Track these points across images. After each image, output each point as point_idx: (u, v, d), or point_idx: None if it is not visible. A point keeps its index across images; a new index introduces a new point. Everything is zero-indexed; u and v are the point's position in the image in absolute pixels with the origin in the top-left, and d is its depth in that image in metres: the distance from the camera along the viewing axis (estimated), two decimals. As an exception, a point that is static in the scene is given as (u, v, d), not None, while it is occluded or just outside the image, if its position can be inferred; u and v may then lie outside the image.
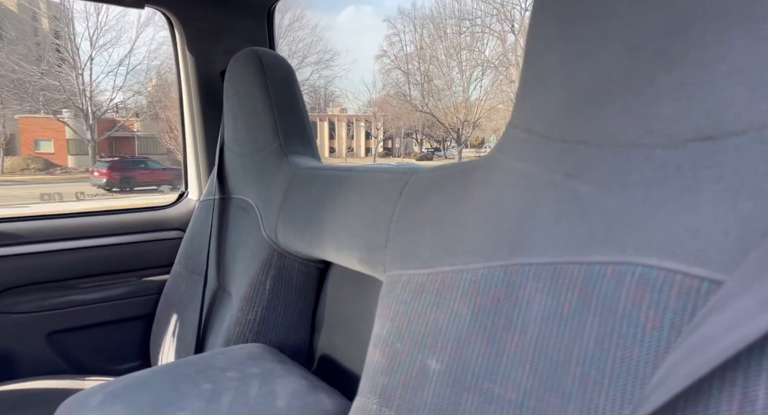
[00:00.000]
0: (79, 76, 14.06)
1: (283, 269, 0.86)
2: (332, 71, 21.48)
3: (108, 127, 14.41)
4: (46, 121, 14.83)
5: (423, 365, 0.47)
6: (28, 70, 14.02)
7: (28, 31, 15.32)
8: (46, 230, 1.19)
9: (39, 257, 1.17)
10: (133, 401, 0.60)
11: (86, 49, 14.70)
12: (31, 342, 1.16)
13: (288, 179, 0.89)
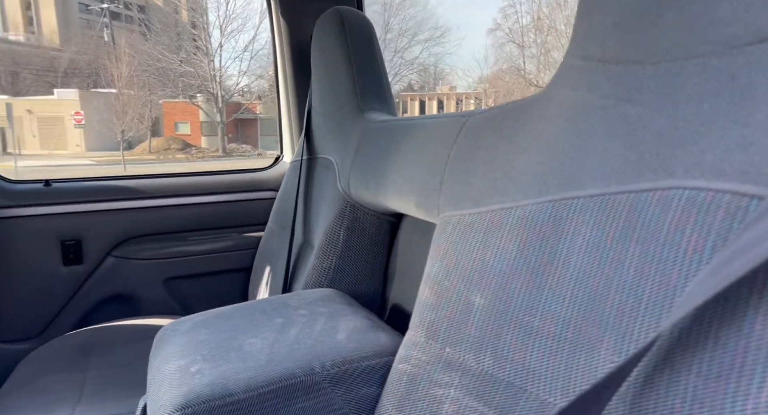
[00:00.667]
0: (210, 62, 15.44)
1: (356, 220, 0.88)
2: (442, 48, 21.23)
3: (235, 109, 15.70)
4: (184, 105, 16.54)
5: (468, 301, 0.48)
6: (170, 59, 15.69)
7: (170, 23, 17.10)
8: (164, 187, 1.34)
9: (157, 211, 1.33)
10: (215, 328, 0.67)
11: (217, 37, 16.07)
12: (151, 286, 1.32)
13: (361, 134, 0.91)
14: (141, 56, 16.47)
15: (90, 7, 24.27)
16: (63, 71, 19.53)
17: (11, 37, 22.79)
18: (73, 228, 1.25)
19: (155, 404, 0.53)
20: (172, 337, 0.68)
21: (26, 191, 1.22)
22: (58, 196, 1.24)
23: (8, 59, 18.85)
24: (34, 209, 1.21)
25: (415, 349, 0.53)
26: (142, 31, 19.54)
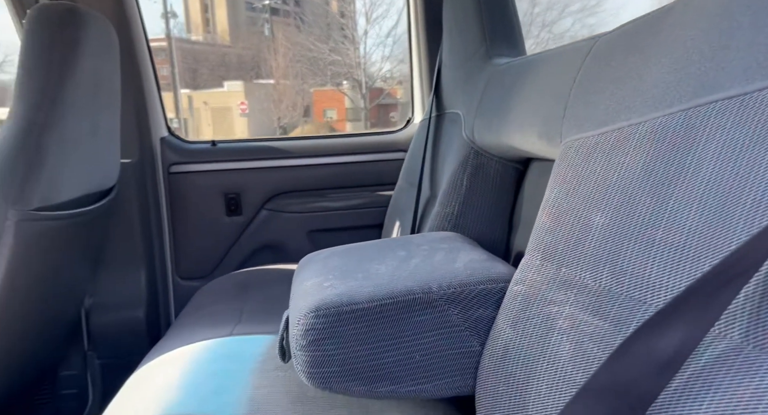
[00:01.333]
0: (356, 50, 16.16)
1: (479, 166, 0.89)
2: (597, 19, 19.54)
3: (377, 95, 16.29)
4: (332, 93, 17.59)
5: (587, 221, 0.47)
6: (320, 49, 16.76)
7: (320, 14, 18.22)
8: (308, 147, 1.47)
9: (303, 169, 1.46)
10: (346, 257, 0.74)
11: (362, 24, 16.77)
12: (297, 237, 1.46)
13: (487, 79, 0.90)
14: (295, 48, 17.82)
15: (254, 5, 26.83)
16: (231, 65, 21.91)
17: (192, 37, 26.15)
18: (234, 183, 1.43)
19: (294, 311, 0.61)
20: (310, 263, 0.76)
21: (197, 150, 1.42)
22: (222, 155, 1.43)
23: (190, 57, 21.72)
24: (203, 166, 1.41)
25: (530, 271, 0.53)
26: (296, 23, 21.13)
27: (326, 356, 0.56)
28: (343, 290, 0.60)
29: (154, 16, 19.61)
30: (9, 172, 0.85)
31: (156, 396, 0.63)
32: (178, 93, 18.29)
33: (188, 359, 0.75)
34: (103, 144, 1.11)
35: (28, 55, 0.90)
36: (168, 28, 18.75)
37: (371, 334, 0.57)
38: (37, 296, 0.98)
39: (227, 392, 0.63)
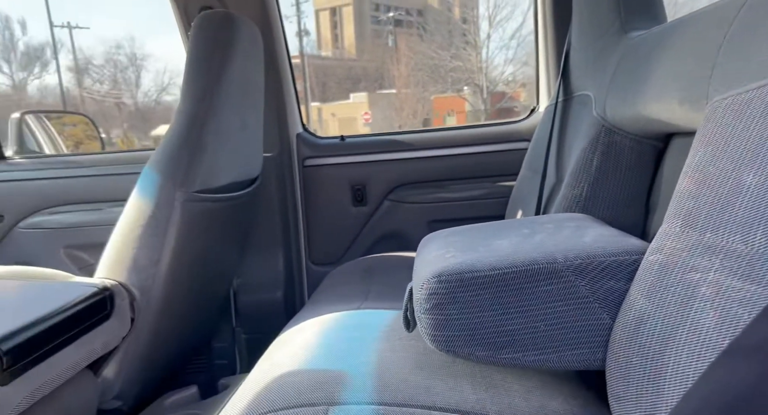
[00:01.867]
0: (478, 55, 16.01)
1: (612, 145, 0.83)
2: None
3: (499, 99, 15.97)
4: (452, 99, 17.62)
5: (737, 182, 0.43)
6: (441, 56, 16.89)
7: (442, 22, 18.36)
8: (429, 139, 1.50)
9: (424, 161, 1.49)
10: (468, 234, 0.75)
11: (485, 28, 16.54)
12: (418, 227, 1.50)
13: (621, 53, 0.85)
14: (417, 56, 18.14)
15: (379, 18, 27.90)
16: (357, 78, 22.95)
17: (323, 53, 27.90)
18: (360, 175, 1.51)
19: (417, 278, 0.63)
20: (432, 240, 0.78)
21: (328, 145, 1.53)
22: (350, 149, 1.51)
23: (321, 72, 23.20)
24: (332, 159, 1.51)
25: (669, 239, 0.49)
26: (418, 33, 21.52)
27: (449, 320, 0.57)
28: (465, 259, 0.60)
29: (288, 35, 21.26)
30: (177, 160, 0.99)
31: (296, 354, 0.70)
32: (309, 106, 19.66)
33: (322, 326, 0.81)
34: (250, 138, 1.24)
35: (192, 57, 1.04)
36: (301, 45, 20.24)
37: (494, 301, 0.57)
38: (197, 271, 1.12)
39: (357, 353, 0.67)
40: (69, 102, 16.70)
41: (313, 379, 0.60)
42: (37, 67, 19.28)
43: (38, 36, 19.53)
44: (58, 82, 17.91)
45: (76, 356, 0.82)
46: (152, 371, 1.06)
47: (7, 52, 18.98)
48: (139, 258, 0.97)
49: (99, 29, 32.30)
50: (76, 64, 18.67)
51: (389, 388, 0.58)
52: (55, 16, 22.76)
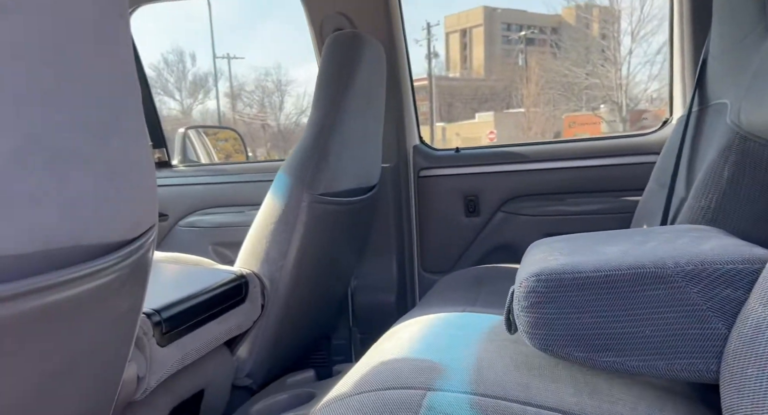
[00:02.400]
0: (617, 71, 15.03)
1: (746, 153, 0.76)
2: None
3: (638, 117, 14.77)
4: (586, 117, 16.69)
5: None
6: (575, 74, 16.14)
7: (579, 39, 17.58)
8: (547, 151, 1.47)
9: (540, 173, 1.47)
10: (575, 241, 0.74)
11: (626, 43, 15.48)
12: (532, 239, 1.46)
13: (763, 54, 0.77)
14: (548, 74, 17.55)
15: (510, 37, 27.56)
16: (483, 97, 22.82)
17: (450, 74, 28.24)
18: (473, 186, 1.52)
19: (518, 279, 0.64)
20: (539, 245, 0.78)
21: (443, 156, 1.57)
22: (464, 160, 1.54)
23: (447, 93, 23.50)
24: (447, 170, 1.55)
25: (797, 243, 0.45)
26: (552, 51, 20.83)
27: (547, 319, 0.58)
28: (567, 260, 0.60)
29: (418, 57, 21.80)
30: (305, 165, 1.10)
31: (401, 345, 0.74)
32: (434, 126, 19.98)
33: (427, 324, 0.84)
34: (370, 148, 1.33)
35: (322, 74, 1.16)
36: (430, 68, 20.73)
37: (596, 303, 0.56)
38: (319, 267, 1.23)
39: (458, 348, 0.70)
40: (224, 124, 18.89)
41: (413, 366, 0.64)
42: (201, 94, 22.15)
43: (204, 66, 22.52)
44: (216, 107, 20.41)
45: (216, 332, 0.95)
46: (279, 355, 1.18)
47: (179, 81, 22.05)
48: (270, 251, 1.09)
49: (252, 59, 36.15)
50: (231, 90, 21.12)
51: (486, 381, 0.59)
52: (218, 48, 26.08)
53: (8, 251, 0.39)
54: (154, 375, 0.77)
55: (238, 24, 30.99)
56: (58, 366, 0.48)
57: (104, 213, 0.48)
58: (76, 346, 0.50)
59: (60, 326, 0.46)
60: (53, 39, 0.39)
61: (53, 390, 0.50)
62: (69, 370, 0.50)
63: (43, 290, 0.42)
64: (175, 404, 0.88)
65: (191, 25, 30.91)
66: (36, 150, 0.40)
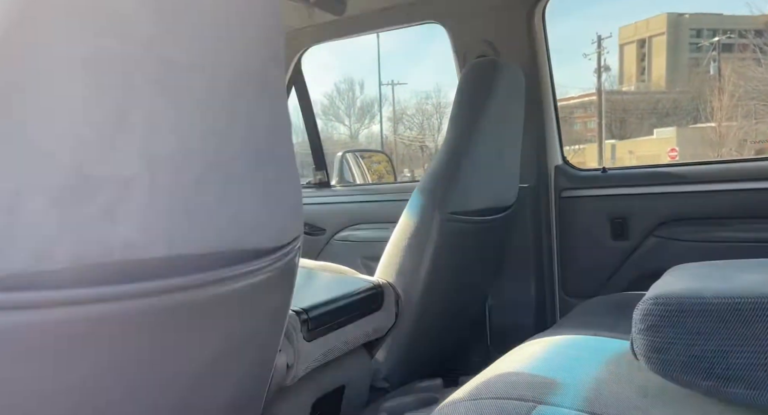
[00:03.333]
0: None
1: None
2: None
3: None
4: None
5: None
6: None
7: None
8: (707, 173, 1.33)
9: (701, 196, 1.33)
10: (716, 267, 0.70)
11: None
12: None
13: None
14: (750, 83, 15.19)
15: (699, 44, 24.49)
16: (664, 112, 20.54)
17: (623, 88, 26.04)
18: (622, 208, 1.44)
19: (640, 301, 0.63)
20: (675, 270, 0.75)
21: (588, 177, 1.52)
22: (612, 181, 1.47)
23: (619, 108, 21.70)
24: (592, 191, 1.49)
25: None
26: (754, 56, 17.98)
27: (665, 343, 0.56)
28: (693, 285, 0.58)
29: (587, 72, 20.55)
30: (437, 184, 1.18)
31: (521, 360, 0.77)
32: (603, 144, 18.54)
33: (552, 343, 0.85)
34: (505, 168, 1.36)
35: (458, 99, 1.23)
36: (599, 82, 19.41)
37: (721, 331, 0.53)
38: (452, 284, 1.29)
39: (577, 368, 0.70)
40: (386, 147, 20.02)
41: (529, 380, 0.66)
42: (367, 119, 23.80)
43: (370, 93, 24.26)
44: (379, 131, 21.73)
45: (355, 334, 1.06)
46: (412, 361, 1.26)
47: (349, 108, 24.00)
48: (405, 265, 1.19)
49: (415, 84, 37.70)
50: (393, 114, 22.33)
51: (601, 400, 0.59)
52: (384, 76, 27.81)
53: (191, 251, 0.53)
54: (301, 365, 0.90)
55: (404, 51, 32.79)
56: (226, 346, 0.62)
57: (260, 224, 0.62)
58: (238, 331, 0.64)
59: (227, 312, 0.60)
60: (228, 87, 0.54)
61: (223, 366, 0.64)
62: (234, 351, 0.64)
63: (215, 282, 0.56)
64: (319, 395, 1.01)
65: (362, 57, 33.62)
66: (213, 175, 0.54)
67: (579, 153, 17.13)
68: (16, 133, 0.39)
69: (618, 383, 0.64)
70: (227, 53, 0.52)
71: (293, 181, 0.67)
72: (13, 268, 0.40)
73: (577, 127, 21.74)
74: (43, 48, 0.39)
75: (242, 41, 0.54)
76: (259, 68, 0.57)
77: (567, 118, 20.20)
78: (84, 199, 0.43)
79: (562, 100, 17.91)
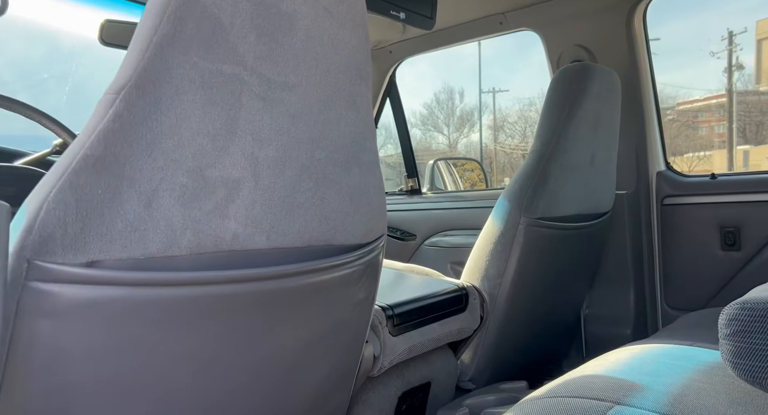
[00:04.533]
0: None
1: None
2: None
3: None
4: None
5: None
6: None
7: None
8: None
9: None
10: None
11: None
12: None
13: None
14: None
15: None
16: (806, 111, 18.11)
17: (761, 88, 23.31)
18: (733, 216, 1.34)
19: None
20: None
21: (694, 183, 1.42)
22: (722, 188, 1.36)
23: (755, 110, 19.41)
24: (698, 198, 1.40)
25: None
26: None
27: (753, 349, 0.55)
28: None
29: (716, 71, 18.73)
30: (523, 190, 1.19)
31: (605, 365, 0.76)
32: (734, 149, 16.69)
33: (642, 351, 0.83)
34: (599, 174, 1.32)
35: (546, 105, 1.23)
36: (730, 83, 17.53)
37: None
38: (540, 290, 1.28)
39: (666, 374, 0.68)
40: (486, 155, 19.70)
41: (609, 382, 0.67)
42: (466, 128, 23.63)
43: (470, 102, 24.09)
44: (478, 139, 21.46)
45: (439, 332, 1.10)
46: (499, 365, 1.27)
47: (448, 118, 24.01)
48: (489, 269, 1.21)
49: (516, 91, 36.83)
50: (494, 122, 21.94)
51: (685, 405, 0.58)
52: (484, 83, 27.45)
53: (287, 244, 0.61)
54: (387, 357, 0.95)
55: (505, 58, 32.17)
56: (318, 331, 0.70)
57: (347, 223, 0.69)
58: (329, 319, 0.71)
59: (318, 300, 0.68)
60: (319, 101, 0.61)
61: (316, 349, 0.72)
62: (325, 336, 0.72)
63: (307, 272, 0.64)
64: (405, 388, 1.06)
65: (461, 64, 33.49)
66: (306, 178, 0.62)
67: (704, 160, 15.64)
68: (155, 143, 0.49)
69: (705, 391, 0.62)
70: (318, 72, 0.60)
71: (377, 185, 0.74)
72: (149, 252, 0.50)
73: (703, 132, 19.83)
74: (172, 74, 0.49)
75: (332, 62, 0.62)
76: (347, 85, 0.65)
77: (690, 123, 18.52)
78: (202, 197, 0.53)
79: (684, 103, 16.43)
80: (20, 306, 0.45)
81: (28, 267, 0.45)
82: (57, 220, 0.45)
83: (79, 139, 0.47)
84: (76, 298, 0.47)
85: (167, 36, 0.48)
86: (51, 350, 0.47)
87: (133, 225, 0.49)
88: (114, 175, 0.48)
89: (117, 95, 0.47)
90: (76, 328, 0.48)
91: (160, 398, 0.55)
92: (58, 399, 0.49)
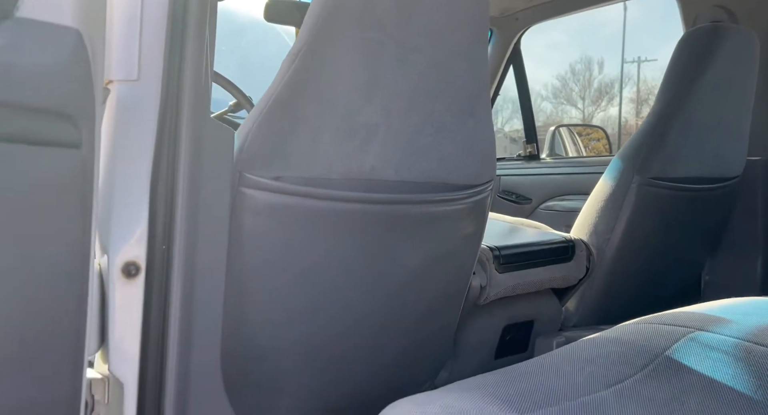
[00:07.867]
0: None
1: None
2: None
3: None
4: None
5: None
6: None
7: None
8: None
9: None
10: None
11: None
12: None
13: None
14: None
15: None
16: None
17: None
18: None
19: None
20: None
21: None
22: None
23: None
24: None
25: None
26: None
27: None
28: None
29: None
30: (638, 150, 1.22)
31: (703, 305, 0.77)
32: None
33: (745, 300, 0.82)
34: (726, 138, 1.29)
35: (671, 66, 1.24)
36: None
37: None
38: (651, 250, 1.30)
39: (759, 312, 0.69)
40: (625, 131, 18.12)
41: (697, 315, 0.68)
42: (604, 101, 21.88)
43: (611, 73, 22.11)
44: (617, 114, 19.79)
45: (542, 276, 1.18)
46: (603, 316, 1.32)
47: (583, 90, 22.40)
48: (598, 225, 1.27)
49: (666, 60, 32.96)
50: (638, 95, 20.02)
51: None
52: (628, 52, 24.94)
53: (410, 178, 0.78)
54: (492, 289, 1.07)
55: (654, 22, 28.88)
56: (432, 255, 0.86)
57: (460, 165, 0.83)
58: (443, 245, 0.87)
59: (433, 228, 0.84)
60: (440, 61, 0.76)
61: (430, 272, 0.88)
62: (438, 261, 0.87)
63: (426, 202, 0.80)
64: (509, 322, 1.17)
65: (603, 31, 30.71)
66: (428, 125, 0.77)
67: None
68: (321, 94, 0.68)
69: None
70: (441, 37, 0.75)
71: (488, 135, 0.87)
72: (314, 173, 0.70)
73: None
74: (334, 41, 0.67)
75: (453, 27, 0.75)
76: (465, 47, 0.78)
77: None
78: (351, 136, 0.71)
79: None
80: (235, 203, 0.67)
81: (240, 177, 0.66)
82: (257, 144, 0.66)
83: (271, 87, 0.67)
84: (267, 201, 0.68)
85: (332, 12, 0.66)
86: (252, 236, 0.69)
87: (304, 153, 0.69)
88: (293, 115, 0.67)
89: (296, 56, 0.66)
90: (268, 222, 0.69)
91: (317, 284, 0.76)
92: (258, 273, 0.71)
